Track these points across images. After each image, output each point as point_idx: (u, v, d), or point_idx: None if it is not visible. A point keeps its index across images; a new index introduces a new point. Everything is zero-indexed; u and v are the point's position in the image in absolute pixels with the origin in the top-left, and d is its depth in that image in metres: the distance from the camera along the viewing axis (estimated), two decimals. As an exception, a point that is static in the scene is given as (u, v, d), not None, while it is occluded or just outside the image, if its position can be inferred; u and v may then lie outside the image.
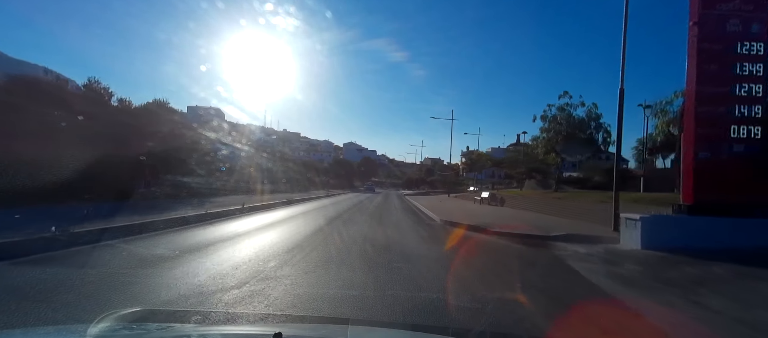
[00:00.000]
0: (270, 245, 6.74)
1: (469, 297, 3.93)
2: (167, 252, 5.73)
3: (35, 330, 2.34)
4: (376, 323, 3.03)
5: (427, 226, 11.57)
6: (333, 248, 6.68)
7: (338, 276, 4.69)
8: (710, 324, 3.46)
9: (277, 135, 58.17)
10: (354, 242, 7.38)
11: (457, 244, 8.16)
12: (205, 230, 8.24)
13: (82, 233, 6.10)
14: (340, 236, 8.25)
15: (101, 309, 2.79)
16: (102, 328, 1.42)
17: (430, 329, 3.01)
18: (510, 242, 8.25)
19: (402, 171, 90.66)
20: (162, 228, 7.84)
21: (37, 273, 4.16)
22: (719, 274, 5.36)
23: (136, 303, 3.31)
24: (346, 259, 5.77)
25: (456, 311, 3.49)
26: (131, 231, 7.14)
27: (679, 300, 4.10)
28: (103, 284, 3.93)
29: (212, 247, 6.30)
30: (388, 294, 3.91)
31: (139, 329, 1.64)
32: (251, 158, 24.27)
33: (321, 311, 3.35)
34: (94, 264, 4.82)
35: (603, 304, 4.01)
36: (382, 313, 3.33)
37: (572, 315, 3.55)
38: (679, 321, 3.54)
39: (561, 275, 5.35)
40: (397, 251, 6.58)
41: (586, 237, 8.38)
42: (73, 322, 2.73)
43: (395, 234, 8.99)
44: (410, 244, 7.58)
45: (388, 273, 4.86)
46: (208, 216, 10.34)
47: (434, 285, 4.41)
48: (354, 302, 3.64)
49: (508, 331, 3.06)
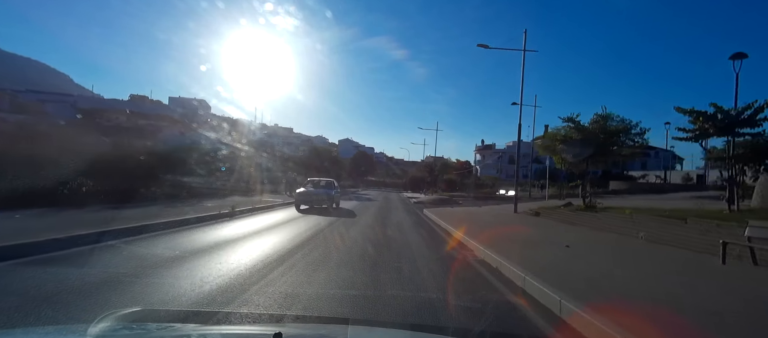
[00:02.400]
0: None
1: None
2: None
3: (35, 329, 2.31)
4: (376, 323, 3.04)
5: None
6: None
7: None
8: None
9: (268, 130, 56.16)
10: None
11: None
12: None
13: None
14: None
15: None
16: (102, 328, 1.43)
17: (430, 329, 3.04)
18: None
19: (402, 169, 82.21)
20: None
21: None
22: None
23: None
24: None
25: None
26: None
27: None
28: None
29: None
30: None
31: (139, 329, 1.64)
32: (237, 151, 22.52)
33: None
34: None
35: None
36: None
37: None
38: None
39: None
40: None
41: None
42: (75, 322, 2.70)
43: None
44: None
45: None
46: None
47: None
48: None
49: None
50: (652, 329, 3.02)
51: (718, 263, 6.09)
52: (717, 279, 5.13)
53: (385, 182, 69.70)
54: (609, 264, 5.98)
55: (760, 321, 3.54)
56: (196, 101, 45.05)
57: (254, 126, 36.46)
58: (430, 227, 11.61)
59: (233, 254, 5.83)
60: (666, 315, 3.45)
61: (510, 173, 60.34)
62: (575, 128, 14.48)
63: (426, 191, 41.70)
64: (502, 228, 10.68)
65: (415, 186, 49.45)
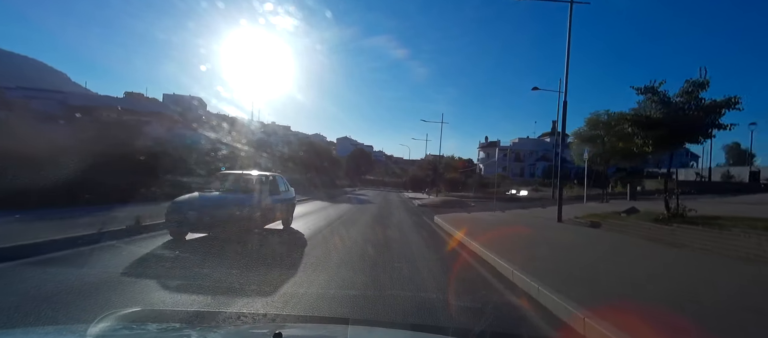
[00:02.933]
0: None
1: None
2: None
3: (35, 329, 2.30)
4: (376, 323, 3.04)
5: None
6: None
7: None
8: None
9: (265, 129, 55.25)
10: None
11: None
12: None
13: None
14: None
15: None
16: (102, 328, 1.43)
17: (430, 329, 3.04)
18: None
19: (402, 168, 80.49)
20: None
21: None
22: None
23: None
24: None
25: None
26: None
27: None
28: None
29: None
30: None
31: (139, 329, 1.65)
32: (231, 147, 21.60)
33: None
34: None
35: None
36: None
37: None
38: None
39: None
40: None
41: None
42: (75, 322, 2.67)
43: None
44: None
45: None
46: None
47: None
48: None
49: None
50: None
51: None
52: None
53: (384, 181, 67.91)
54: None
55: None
56: (192, 99, 44.07)
57: (249, 122, 35.14)
58: (460, 257, 6.68)
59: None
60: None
61: (515, 172, 59.99)
62: (659, 101, 10.21)
63: (429, 191, 39.06)
64: (586, 256, 6.62)
65: (416, 186, 47.27)
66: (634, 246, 7.80)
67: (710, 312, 3.55)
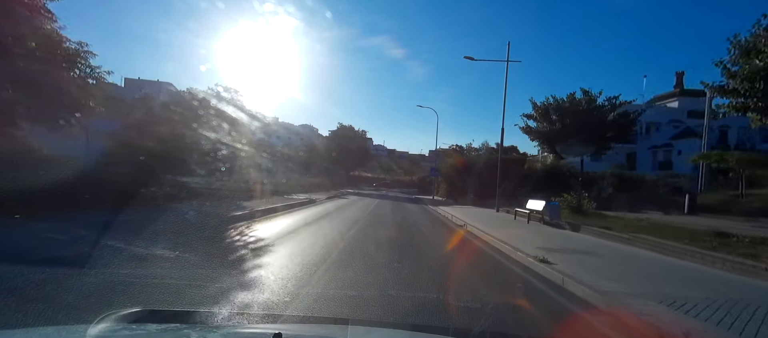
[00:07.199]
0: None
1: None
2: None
3: (35, 330, 2.31)
4: (376, 323, 3.04)
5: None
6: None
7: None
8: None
9: (257, 120, 48.52)
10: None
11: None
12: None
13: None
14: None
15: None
16: (102, 328, 1.43)
17: (430, 329, 3.05)
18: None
19: (413, 162, 67.65)
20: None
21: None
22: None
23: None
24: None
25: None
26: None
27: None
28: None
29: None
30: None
31: (139, 329, 1.64)
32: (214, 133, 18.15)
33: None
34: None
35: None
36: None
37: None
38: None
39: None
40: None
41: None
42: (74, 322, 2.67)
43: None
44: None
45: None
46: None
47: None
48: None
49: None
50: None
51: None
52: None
53: (385, 180, 54.34)
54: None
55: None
56: (163, 85, 34.57)
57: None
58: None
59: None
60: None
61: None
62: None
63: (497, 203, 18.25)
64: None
65: (423, 189, 34.24)
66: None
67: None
